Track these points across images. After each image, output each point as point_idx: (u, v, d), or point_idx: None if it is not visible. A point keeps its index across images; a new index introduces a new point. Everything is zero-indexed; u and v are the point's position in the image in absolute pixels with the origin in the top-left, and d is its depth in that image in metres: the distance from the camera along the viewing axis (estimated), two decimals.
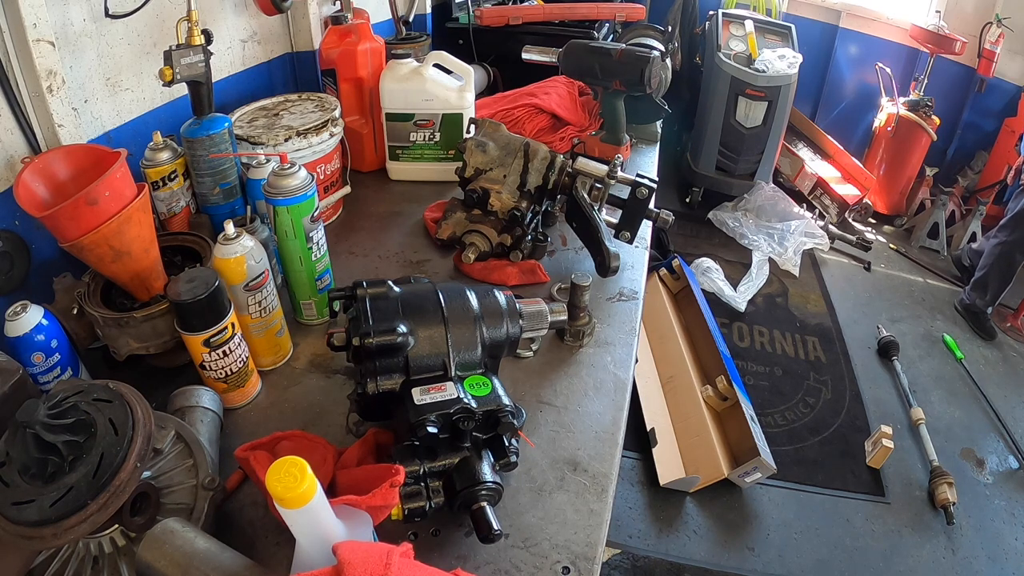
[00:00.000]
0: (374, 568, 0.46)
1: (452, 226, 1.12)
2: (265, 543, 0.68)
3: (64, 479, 0.53)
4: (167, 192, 1.02)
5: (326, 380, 0.90)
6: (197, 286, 0.73)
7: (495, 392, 0.69)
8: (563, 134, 1.55)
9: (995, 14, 3.29)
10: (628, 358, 0.94)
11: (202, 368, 0.80)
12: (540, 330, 0.81)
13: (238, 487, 0.74)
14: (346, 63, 1.37)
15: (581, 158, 1.09)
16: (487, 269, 1.10)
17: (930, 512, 2.01)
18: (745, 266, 3.08)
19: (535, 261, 1.11)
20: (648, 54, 1.35)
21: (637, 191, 1.05)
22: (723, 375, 2.12)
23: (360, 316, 0.71)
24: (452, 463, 0.66)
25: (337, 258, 1.06)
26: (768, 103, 3.15)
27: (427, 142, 1.37)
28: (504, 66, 1.95)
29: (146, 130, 1.03)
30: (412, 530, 0.69)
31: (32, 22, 0.84)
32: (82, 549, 0.60)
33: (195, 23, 0.98)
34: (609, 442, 0.81)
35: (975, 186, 3.54)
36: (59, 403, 0.56)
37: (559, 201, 1.13)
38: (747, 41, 3.26)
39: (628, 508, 1.97)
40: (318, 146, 1.18)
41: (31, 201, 0.79)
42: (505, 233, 1.09)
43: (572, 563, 0.66)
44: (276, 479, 0.45)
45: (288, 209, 0.87)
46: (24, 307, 0.77)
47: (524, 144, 1.09)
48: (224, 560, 0.54)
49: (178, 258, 0.95)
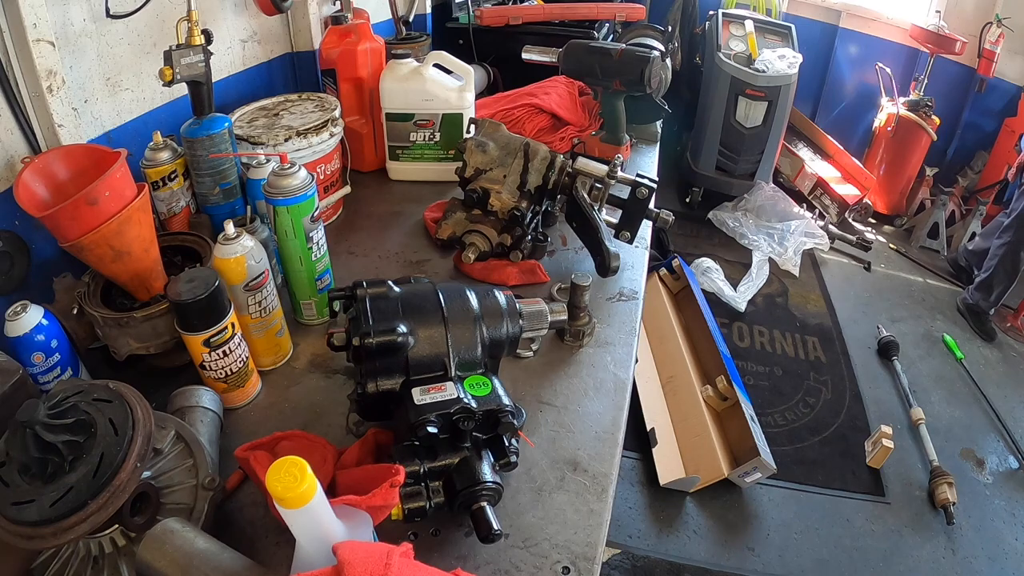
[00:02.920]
0: (374, 568, 0.46)
1: (452, 226, 1.12)
2: (265, 543, 0.68)
3: (64, 479, 0.53)
4: (167, 192, 1.02)
5: (326, 380, 0.90)
6: (197, 286, 0.73)
7: (495, 392, 0.69)
8: (563, 134, 1.55)
9: (995, 14, 3.29)
10: (628, 358, 0.94)
11: (202, 368, 0.80)
12: (540, 330, 0.81)
13: (238, 487, 0.74)
14: (346, 63, 1.37)
15: (581, 158, 1.09)
16: (487, 269, 1.10)
17: (930, 512, 2.01)
18: (745, 266, 3.08)
19: (535, 261, 1.11)
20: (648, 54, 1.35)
21: (637, 191, 1.05)
22: (723, 375, 2.12)
23: (360, 316, 0.71)
24: (452, 463, 0.66)
25: (337, 258, 1.06)
26: (768, 103, 3.15)
27: (427, 142, 1.37)
28: (504, 66, 1.95)
29: (146, 130, 1.03)
30: (412, 530, 0.69)
31: (32, 22, 0.84)
32: (82, 549, 0.60)
33: (195, 23, 0.98)
34: (609, 442, 0.81)
35: (975, 186, 3.54)
36: (59, 403, 0.56)
37: (559, 201, 1.13)
38: (747, 41, 3.26)
39: (628, 508, 1.97)
40: (318, 146, 1.18)
41: (31, 201, 0.79)
42: (505, 233, 1.09)
43: (572, 563, 0.66)
44: (276, 479, 0.45)
45: (288, 209, 0.87)
46: (24, 307, 0.77)
47: (524, 144, 1.09)
48: (224, 560, 0.54)
49: (178, 258, 0.95)
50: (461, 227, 1.12)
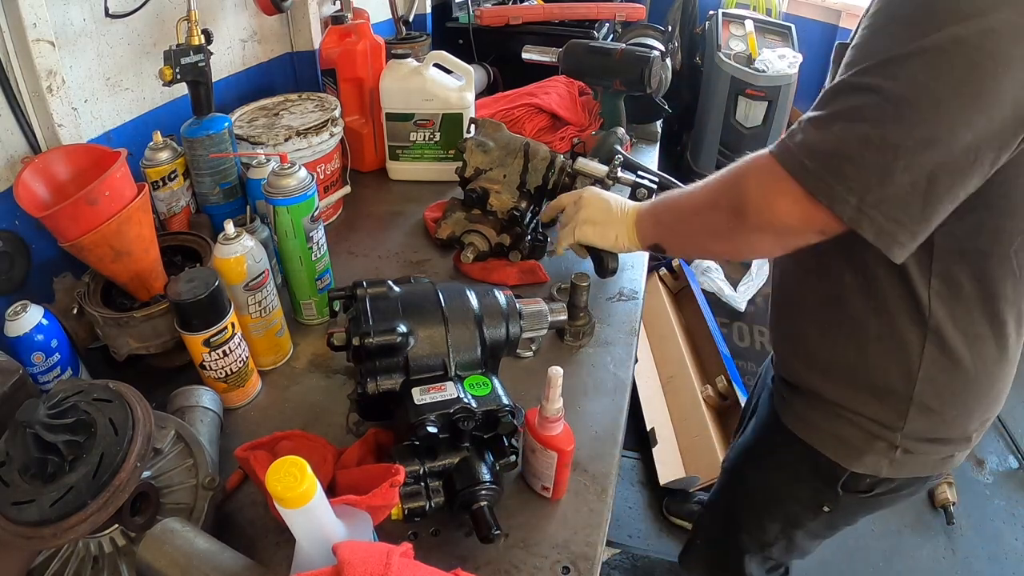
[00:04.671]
0: (374, 568, 0.46)
1: (451, 226, 1.12)
2: (265, 543, 0.68)
3: (64, 479, 0.53)
4: (167, 192, 1.02)
5: (326, 380, 0.90)
6: (197, 286, 0.73)
7: (495, 392, 0.69)
8: (563, 134, 1.55)
9: None
10: (628, 358, 0.94)
11: (202, 368, 0.80)
12: (540, 330, 0.81)
13: (238, 487, 0.74)
14: (346, 63, 1.37)
15: (581, 158, 1.09)
16: (487, 269, 1.10)
17: (930, 512, 2.01)
18: (745, 266, 3.08)
19: (535, 261, 1.11)
20: (648, 54, 1.35)
21: (637, 192, 1.05)
22: (723, 375, 2.11)
23: (360, 316, 0.71)
24: (452, 463, 0.66)
25: (337, 258, 1.06)
26: (768, 103, 3.15)
27: (427, 142, 1.37)
28: (504, 66, 1.95)
29: (146, 130, 1.03)
30: (412, 530, 0.69)
31: (32, 22, 0.84)
32: (82, 549, 0.60)
33: (195, 23, 0.98)
34: (609, 442, 0.81)
35: None
36: (59, 403, 0.56)
37: None
38: (747, 41, 3.26)
39: (628, 508, 1.97)
40: (318, 146, 1.18)
41: (31, 201, 0.79)
42: (504, 233, 1.09)
43: (572, 563, 0.66)
44: (276, 479, 0.45)
45: (288, 209, 0.87)
46: (24, 307, 0.77)
47: (524, 144, 1.09)
48: (224, 560, 0.54)
49: (178, 258, 0.95)
50: (460, 227, 1.12)
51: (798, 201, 0.61)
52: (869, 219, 0.57)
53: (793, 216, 0.62)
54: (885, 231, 0.58)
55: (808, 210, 0.60)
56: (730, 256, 0.74)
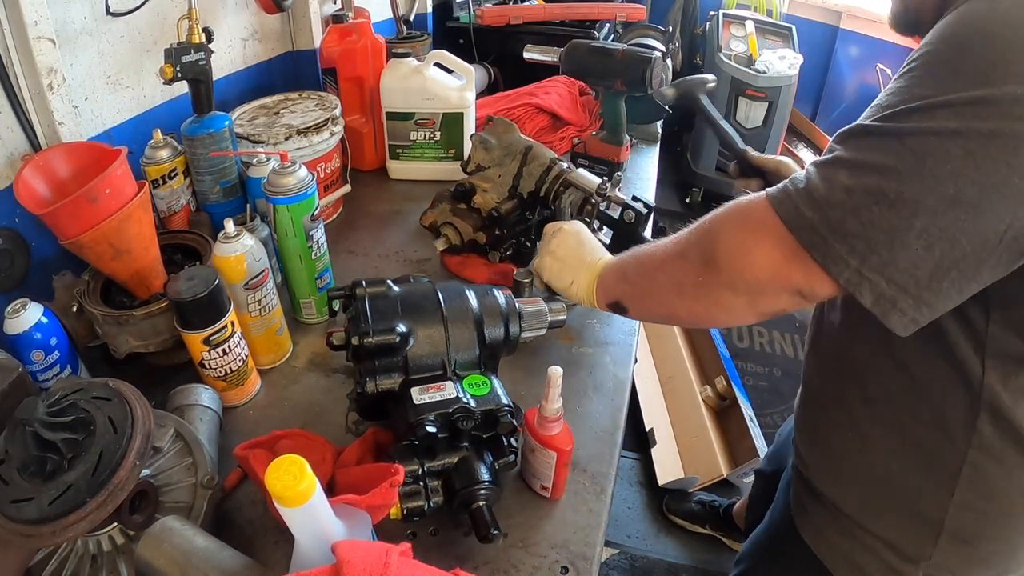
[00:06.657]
0: (373, 567, 0.46)
1: (435, 215, 1.13)
2: (264, 541, 0.68)
3: (63, 477, 0.52)
4: (167, 190, 1.02)
5: (326, 379, 0.90)
6: (197, 284, 0.73)
7: (494, 391, 0.69)
8: (563, 134, 1.56)
9: None
10: (628, 358, 0.94)
11: (201, 366, 0.80)
12: (540, 330, 0.81)
13: (237, 486, 0.74)
14: (347, 62, 1.37)
15: (580, 170, 1.06)
16: (463, 264, 1.11)
17: None
18: None
19: (511, 265, 1.08)
20: (650, 54, 1.35)
21: (625, 214, 1.02)
22: (722, 375, 2.12)
23: (359, 315, 0.71)
24: (451, 462, 0.66)
25: (337, 257, 1.06)
26: (768, 104, 3.15)
27: (427, 141, 1.37)
28: (505, 66, 1.95)
29: (146, 128, 1.03)
30: (411, 529, 0.69)
31: (33, 19, 0.84)
32: (81, 547, 0.60)
33: (196, 21, 0.98)
34: (608, 442, 0.81)
35: None
36: (58, 401, 0.56)
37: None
38: (747, 42, 3.26)
39: (627, 508, 1.97)
40: (318, 145, 1.18)
41: (31, 198, 0.79)
42: (481, 231, 1.08)
43: (571, 563, 0.66)
44: (275, 477, 0.45)
45: (288, 208, 0.87)
46: (24, 305, 0.76)
47: (527, 147, 1.09)
48: (223, 558, 0.54)
49: (178, 256, 0.95)
50: (443, 217, 1.12)
51: (779, 253, 0.52)
52: (870, 284, 0.49)
53: (765, 270, 0.54)
54: (885, 296, 0.49)
55: (786, 266, 0.52)
56: (696, 320, 0.64)
